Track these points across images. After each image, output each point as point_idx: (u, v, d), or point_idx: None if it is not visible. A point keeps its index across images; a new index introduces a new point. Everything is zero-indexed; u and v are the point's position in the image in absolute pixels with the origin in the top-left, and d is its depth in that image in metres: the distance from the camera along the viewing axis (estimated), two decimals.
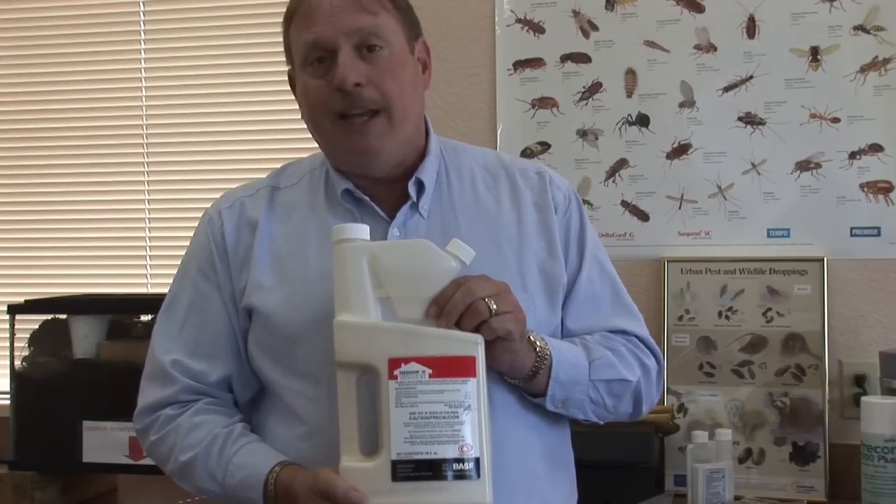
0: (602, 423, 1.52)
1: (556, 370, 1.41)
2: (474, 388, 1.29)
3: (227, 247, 1.50)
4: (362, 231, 1.36)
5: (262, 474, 1.40)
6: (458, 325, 1.31)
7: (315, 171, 1.54)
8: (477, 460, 1.28)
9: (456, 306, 1.30)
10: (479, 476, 1.28)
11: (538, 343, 1.40)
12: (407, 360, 1.30)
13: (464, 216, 1.49)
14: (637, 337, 1.56)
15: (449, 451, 1.28)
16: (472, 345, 1.30)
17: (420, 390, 1.29)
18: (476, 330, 1.31)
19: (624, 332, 1.55)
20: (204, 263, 1.52)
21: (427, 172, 1.49)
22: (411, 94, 1.46)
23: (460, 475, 1.27)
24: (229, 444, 1.45)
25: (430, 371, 1.29)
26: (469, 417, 1.28)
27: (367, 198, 1.47)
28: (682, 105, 2.37)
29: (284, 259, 1.47)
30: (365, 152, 1.43)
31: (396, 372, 1.30)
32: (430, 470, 1.28)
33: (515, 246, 1.48)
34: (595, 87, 2.42)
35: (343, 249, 1.34)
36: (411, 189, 1.47)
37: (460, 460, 1.28)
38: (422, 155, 1.50)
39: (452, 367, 1.29)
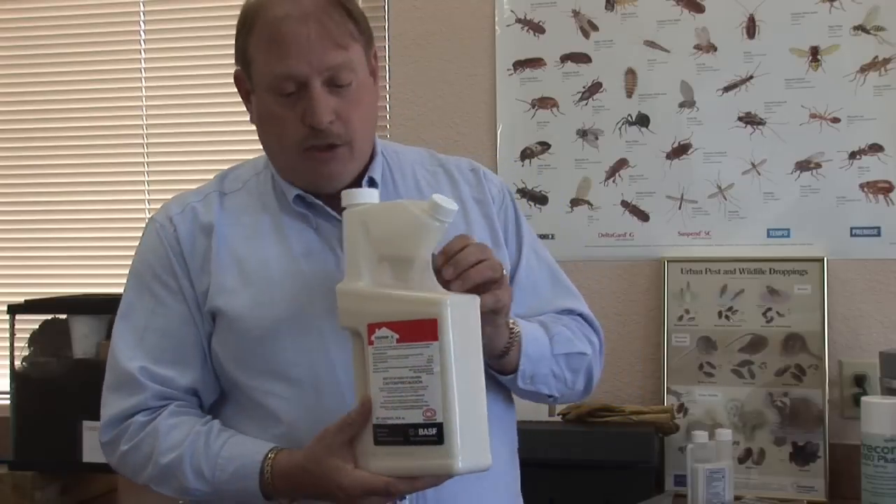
0: (559, 399, 1.56)
1: (526, 345, 1.44)
2: (437, 352, 1.26)
3: (183, 251, 1.50)
4: (365, 195, 1.36)
5: (256, 462, 1.39)
6: (466, 281, 1.31)
7: (259, 174, 1.56)
8: (440, 426, 1.26)
9: (468, 258, 1.31)
10: (442, 442, 1.25)
11: (509, 319, 1.43)
12: (380, 326, 1.29)
13: None
14: (581, 315, 1.61)
15: (414, 417, 1.27)
16: (433, 307, 1.27)
17: (390, 355, 1.29)
18: (477, 291, 1.31)
19: (569, 312, 1.59)
20: (162, 270, 1.50)
21: (377, 172, 1.52)
22: (371, 119, 1.50)
23: (424, 440, 1.26)
24: (213, 439, 1.44)
25: (398, 336, 1.28)
26: (432, 382, 1.26)
27: (319, 202, 1.49)
28: (682, 105, 2.37)
29: (243, 261, 1.48)
30: (328, 177, 1.46)
31: (373, 337, 1.30)
32: (401, 435, 1.28)
33: None
34: (595, 87, 2.42)
35: (344, 216, 1.36)
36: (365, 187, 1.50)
37: (424, 426, 1.26)
38: (369, 158, 1.53)
39: (417, 331, 1.27)
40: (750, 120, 2.34)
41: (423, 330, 1.26)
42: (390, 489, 1.30)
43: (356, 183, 1.50)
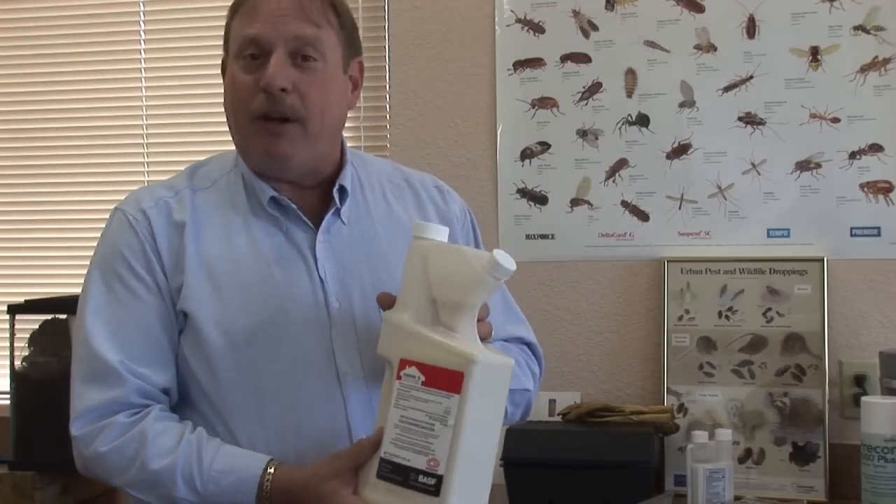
0: None
1: None
2: (455, 406, 1.27)
3: (158, 246, 1.47)
4: (433, 231, 1.37)
5: (254, 476, 1.37)
6: None
7: (229, 174, 1.55)
8: (440, 478, 1.26)
9: None
10: (438, 494, 1.26)
11: None
12: (410, 364, 1.31)
13: (381, 224, 1.54)
14: (528, 344, 1.64)
15: (418, 462, 1.28)
16: (465, 361, 1.28)
17: (413, 395, 1.30)
18: None
19: (518, 339, 1.62)
20: (137, 263, 1.46)
21: (347, 180, 1.52)
22: (332, 110, 1.48)
23: (423, 489, 1.27)
24: (203, 448, 1.40)
25: (424, 378, 1.30)
26: (444, 433, 1.27)
27: (293, 206, 1.49)
28: (682, 105, 2.37)
29: (215, 264, 1.46)
30: (276, 155, 1.46)
31: (401, 373, 1.31)
32: (402, 475, 1.29)
33: None
34: (595, 87, 2.42)
35: (411, 247, 1.37)
36: (336, 195, 1.51)
37: (426, 474, 1.27)
38: (337, 165, 1.54)
39: (442, 380, 1.28)
40: (750, 120, 2.34)
41: (449, 380, 1.28)
42: None
43: (318, 190, 1.51)
